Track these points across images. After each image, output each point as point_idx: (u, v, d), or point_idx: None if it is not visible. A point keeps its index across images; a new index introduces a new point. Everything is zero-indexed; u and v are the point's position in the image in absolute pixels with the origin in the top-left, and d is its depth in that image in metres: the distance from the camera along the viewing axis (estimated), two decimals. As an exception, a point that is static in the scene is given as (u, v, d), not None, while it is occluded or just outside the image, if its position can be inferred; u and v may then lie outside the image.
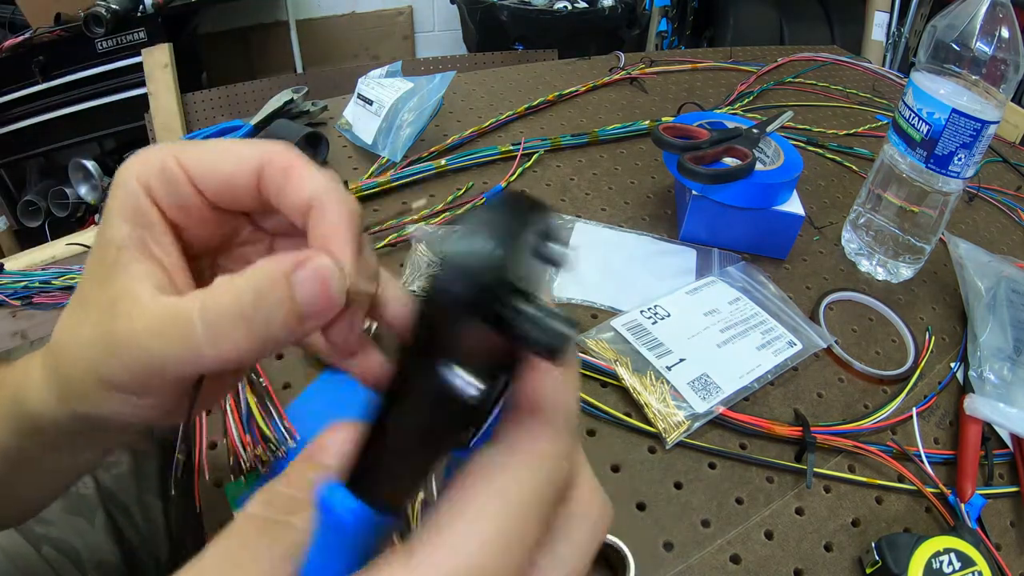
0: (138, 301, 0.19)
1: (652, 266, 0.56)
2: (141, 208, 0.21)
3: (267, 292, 0.18)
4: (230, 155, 0.21)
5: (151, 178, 0.21)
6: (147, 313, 0.19)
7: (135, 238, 0.21)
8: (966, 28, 0.48)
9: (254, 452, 0.38)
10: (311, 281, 0.18)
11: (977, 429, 0.45)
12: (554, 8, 1.99)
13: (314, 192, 0.21)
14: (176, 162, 0.21)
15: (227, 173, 0.21)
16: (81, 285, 0.22)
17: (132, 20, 1.57)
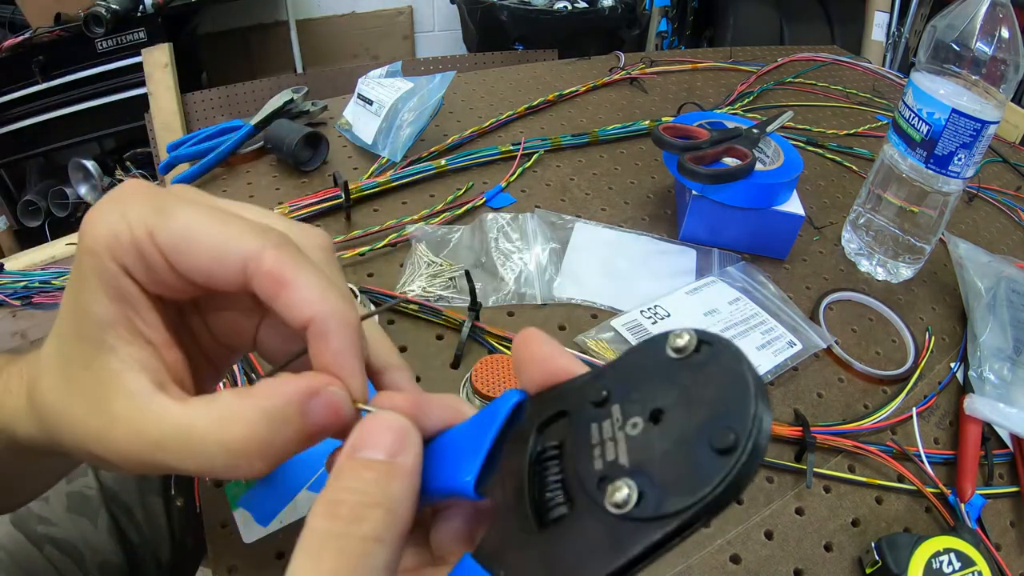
0: (139, 405, 0.19)
1: (652, 266, 0.56)
2: (122, 288, 0.20)
3: (281, 422, 0.19)
4: (211, 246, 0.19)
5: (126, 257, 0.19)
6: (154, 424, 0.19)
7: (120, 318, 0.20)
8: (966, 28, 0.48)
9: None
10: (323, 409, 0.19)
11: (977, 429, 0.45)
12: (554, 8, 1.99)
13: (312, 314, 0.20)
14: (151, 243, 0.19)
15: (206, 267, 0.19)
16: (62, 349, 0.20)
17: (132, 20, 1.57)
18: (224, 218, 0.20)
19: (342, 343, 0.20)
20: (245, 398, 0.19)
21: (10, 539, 0.41)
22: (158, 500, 0.48)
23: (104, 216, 0.19)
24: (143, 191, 0.20)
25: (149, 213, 0.19)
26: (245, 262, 0.19)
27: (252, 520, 0.36)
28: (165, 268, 0.20)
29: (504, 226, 0.58)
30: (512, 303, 0.51)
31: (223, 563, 0.34)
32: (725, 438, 0.13)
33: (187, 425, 0.19)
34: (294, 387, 0.19)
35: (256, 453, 0.18)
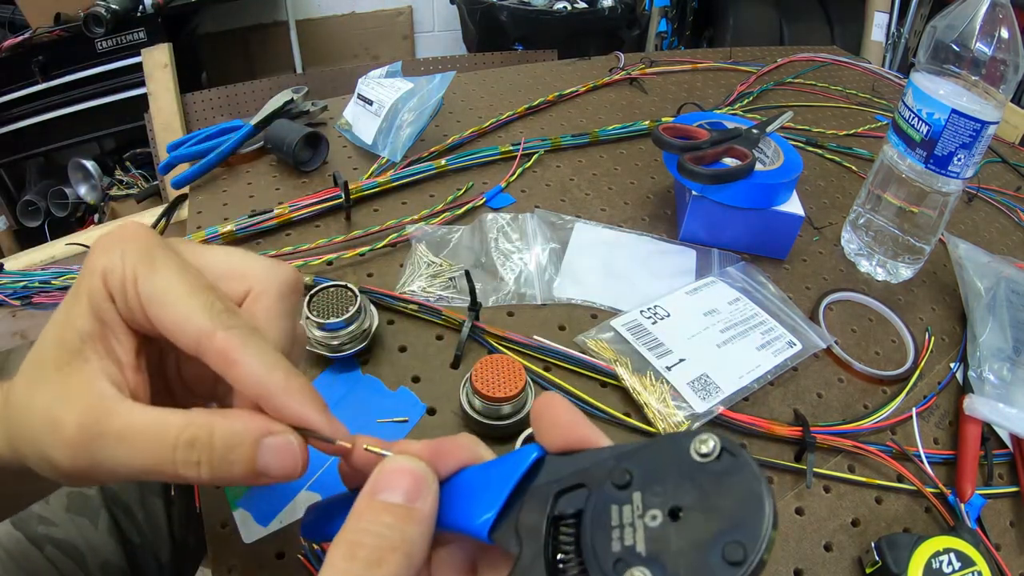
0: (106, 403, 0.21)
1: (652, 266, 0.56)
2: (105, 310, 0.22)
3: (234, 446, 0.21)
4: (174, 314, 0.22)
5: (114, 288, 0.22)
6: (117, 417, 0.21)
7: (99, 333, 0.22)
8: (966, 29, 0.48)
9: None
10: (273, 451, 0.21)
11: (977, 429, 0.45)
12: (554, 8, 1.99)
13: (259, 392, 0.22)
14: (133, 287, 0.22)
15: (169, 328, 0.22)
16: (40, 351, 0.22)
17: (132, 20, 1.57)
18: (193, 291, 0.22)
19: (300, 412, 0.22)
20: (215, 414, 0.21)
21: (10, 539, 0.41)
22: (158, 500, 0.48)
23: (109, 248, 0.22)
24: (144, 238, 0.23)
25: (140, 261, 0.22)
26: (199, 337, 0.22)
27: (252, 520, 0.36)
28: (140, 311, 0.22)
29: (504, 226, 0.58)
30: (512, 303, 0.51)
31: (223, 563, 0.34)
32: (736, 552, 0.15)
33: (154, 422, 0.21)
34: (258, 422, 0.22)
35: (207, 454, 0.21)
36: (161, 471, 0.21)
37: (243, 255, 0.26)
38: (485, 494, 0.19)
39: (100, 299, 0.22)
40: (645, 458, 0.18)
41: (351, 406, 0.43)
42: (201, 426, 0.21)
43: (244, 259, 0.25)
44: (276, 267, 0.25)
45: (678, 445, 0.17)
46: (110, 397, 0.21)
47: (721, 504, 0.16)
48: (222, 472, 0.21)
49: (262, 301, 0.24)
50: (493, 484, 0.19)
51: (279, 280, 0.25)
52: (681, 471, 0.17)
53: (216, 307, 0.22)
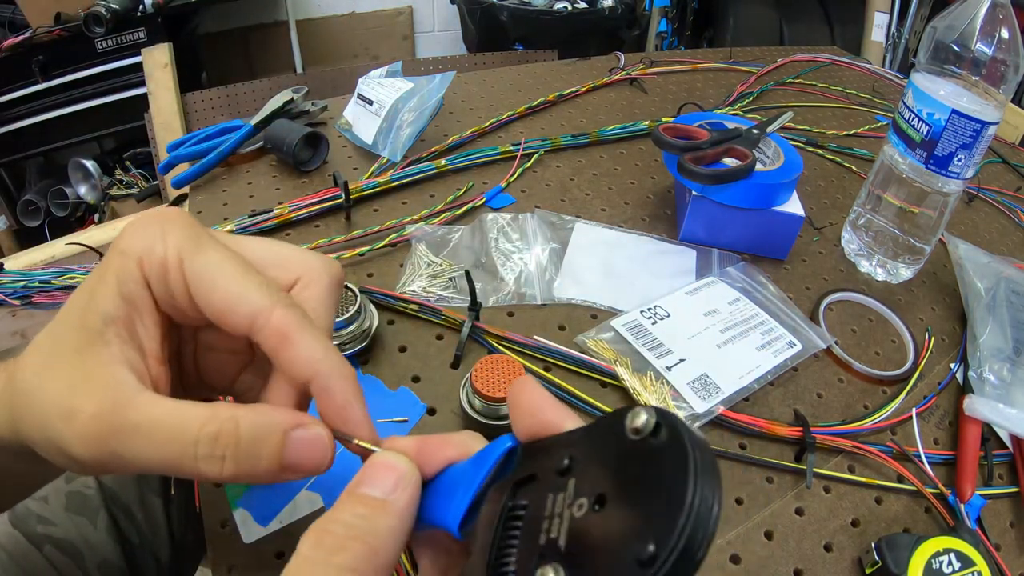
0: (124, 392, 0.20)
1: (652, 266, 0.56)
2: (136, 293, 0.21)
3: (262, 439, 0.20)
4: (229, 292, 0.21)
5: (152, 270, 0.21)
6: (136, 410, 0.20)
7: (125, 318, 0.21)
8: (966, 29, 0.48)
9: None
10: (302, 444, 0.21)
11: (976, 430, 0.45)
12: (554, 8, 1.99)
13: (315, 372, 0.21)
14: (179, 269, 0.21)
15: (220, 307, 0.21)
16: (56, 332, 0.21)
17: (132, 20, 1.57)
18: (246, 271, 0.22)
19: (346, 396, 0.22)
20: (240, 407, 0.20)
21: (9, 539, 0.41)
22: (158, 500, 0.48)
23: (146, 228, 0.21)
24: (187, 221, 0.22)
25: (186, 242, 0.21)
26: (255, 315, 0.21)
27: (252, 520, 0.36)
28: (184, 295, 0.21)
29: (504, 226, 0.58)
30: (512, 303, 0.51)
31: (223, 563, 0.34)
32: (645, 550, 0.13)
33: (173, 414, 0.20)
34: (286, 414, 0.21)
35: (232, 449, 0.20)
36: (180, 466, 0.20)
37: (288, 246, 0.25)
38: (461, 490, 0.19)
39: (132, 281, 0.21)
40: (588, 440, 0.17)
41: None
42: (226, 419, 0.20)
43: (291, 249, 0.25)
44: (325, 259, 0.25)
45: (617, 423, 0.16)
46: (130, 387, 0.20)
47: (643, 491, 0.14)
48: (247, 467, 0.20)
49: (312, 290, 0.24)
50: (469, 479, 0.19)
51: (329, 272, 0.25)
52: (614, 452, 0.15)
53: (272, 287, 0.22)
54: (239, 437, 0.20)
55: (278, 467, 0.20)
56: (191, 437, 0.19)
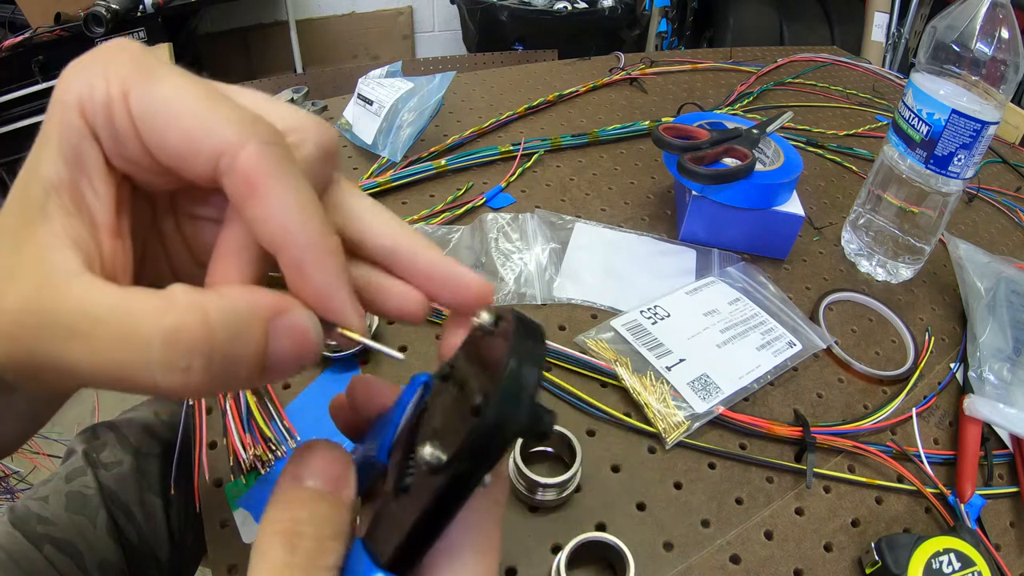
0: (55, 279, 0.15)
1: (652, 266, 0.56)
2: (81, 149, 0.17)
3: (242, 329, 0.15)
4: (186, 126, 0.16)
5: (96, 116, 0.16)
6: (69, 301, 0.15)
7: (68, 183, 0.17)
8: (966, 29, 0.48)
9: (254, 452, 0.38)
10: (288, 336, 0.16)
11: (977, 429, 0.45)
12: (554, 8, 1.99)
13: (283, 241, 0.17)
14: (124, 105, 0.16)
15: (176, 148, 0.16)
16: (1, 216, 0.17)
17: (132, 20, 1.57)
18: (213, 98, 0.17)
19: (326, 276, 0.17)
20: (204, 292, 0.15)
21: (9, 539, 0.41)
22: (157, 500, 0.48)
23: (84, 68, 0.17)
24: (133, 49, 0.17)
25: (131, 72, 0.16)
26: (219, 153, 0.16)
27: (252, 520, 0.36)
28: (133, 138, 0.17)
29: (504, 226, 0.58)
30: (512, 303, 0.51)
31: (223, 562, 0.34)
32: (474, 400, 0.15)
33: (117, 306, 0.15)
34: (263, 297, 0.16)
35: (202, 355, 0.14)
36: (131, 379, 0.14)
37: (276, 100, 0.20)
38: (388, 428, 0.20)
39: (74, 135, 0.17)
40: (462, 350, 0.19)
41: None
42: (188, 309, 0.15)
43: (279, 104, 0.19)
44: (320, 120, 0.19)
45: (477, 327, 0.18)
46: (63, 270, 0.15)
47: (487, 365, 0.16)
48: (220, 375, 0.15)
49: (300, 152, 0.18)
50: (393, 417, 0.20)
51: (322, 134, 0.19)
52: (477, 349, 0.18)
53: (246, 116, 0.16)
54: (211, 335, 0.15)
55: (259, 370, 0.16)
56: (142, 337, 0.14)
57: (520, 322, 0.16)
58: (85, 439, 0.50)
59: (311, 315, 0.17)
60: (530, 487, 0.37)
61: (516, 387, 0.15)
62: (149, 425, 0.52)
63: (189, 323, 0.14)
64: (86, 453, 0.48)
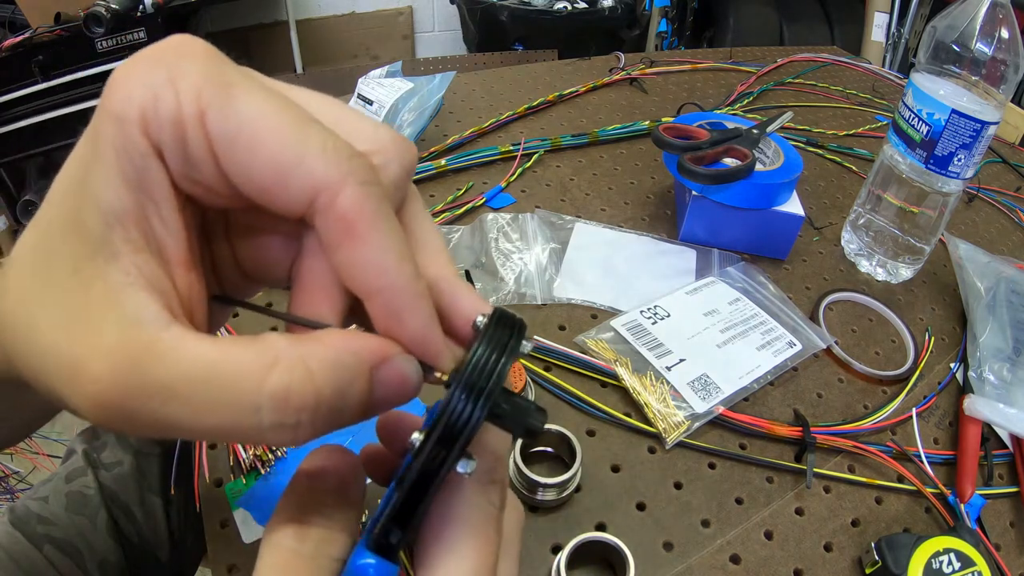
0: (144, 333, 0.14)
1: (652, 266, 0.56)
2: (146, 172, 0.15)
3: (349, 381, 0.15)
4: (278, 157, 0.14)
5: (163, 134, 0.14)
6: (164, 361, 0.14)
7: (134, 213, 0.15)
8: (966, 29, 0.48)
9: (254, 452, 0.38)
10: (391, 384, 0.16)
11: (976, 429, 0.45)
12: (554, 8, 1.99)
13: (382, 286, 0.16)
14: (200, 126, 0.14)
15: (264, 180, 0.15)
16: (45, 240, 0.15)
17: (132, 20, 1.57)
18: (303, 122, 0.15)
19: (420, 322, 0.16)
20: (305, 343, 0.15)
21: (9, 539, 0.41)
22: (158, 500, 0.48)
23: (144, 73, 0.14)
24: (201, 52, 0.15)
25: (208, 85, 0.14)
26: (317, 192, 0.15)
27: (252, 520, 0.36)
28: (210, 164, 0.15)
29: (504, 226, 0.58)
30: (512, 303, 0.51)
31: (223, 563, 0.34)
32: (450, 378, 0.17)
33: (217, 365, 0.14)
34: (365, 344, 0.16)
35: (310, 411, 0.14)
36: (236, 436, 0.14)
37: (355, 111, 0.18)
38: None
39: (137, 155, 0.14)
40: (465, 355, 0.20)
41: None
42: (294, 366, 0.14)
43: (359, 117, 0.18)
44: (401, 138, 0.18)
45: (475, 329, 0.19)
46: (147, 321, 0.14)
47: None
48: (325, 427, 0.15)
49: (384, 173, 0.17)
50: None
51: (405, 156, 0.18)
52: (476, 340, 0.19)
53: (341, 149, 0.15)
54: (317, 392, 0.14)
55: (363, 415, 0.16)
56: (249, 400, 0.14)
57: (496, 314, 0.17)
58: (85, 439, 0.50)
59: (412, 360, 0.16)
60: (530, 487, 0.37)
61: (475, 371, 0.16)
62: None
63: (296, 382, 0.14)
64: (86, 453, 0.48)
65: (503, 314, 0.17)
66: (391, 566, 0.17)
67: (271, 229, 0.18)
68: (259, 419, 0.14)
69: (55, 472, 0.48)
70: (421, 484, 0.16)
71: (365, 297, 0.16)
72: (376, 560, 0.17)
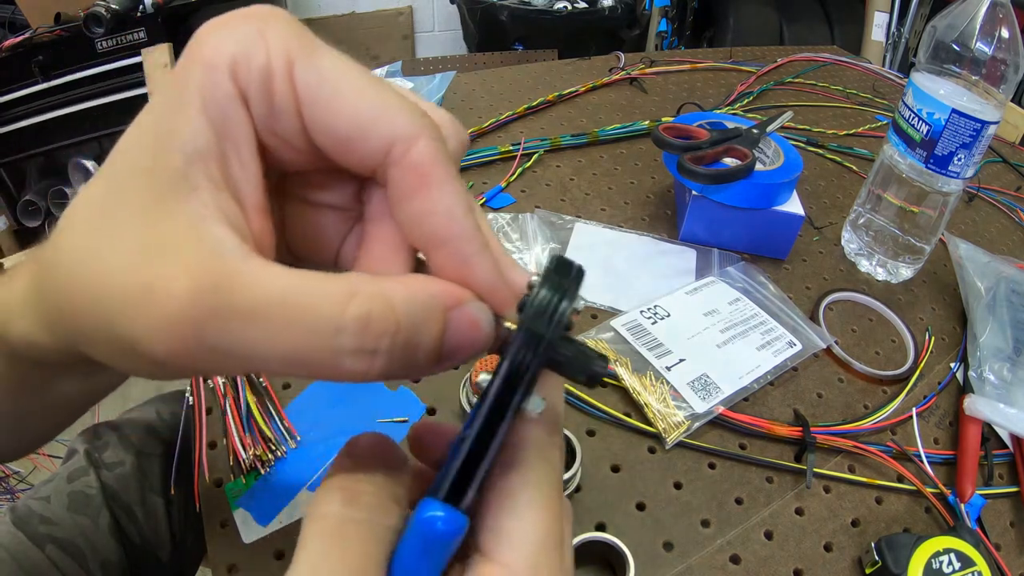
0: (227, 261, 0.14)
1: (652, 266, 0.56)
2: (233, 118, 0.15)
3: (424, 318, 0.15)
4: (359, 110, 0.15)
5: (251, 83, 0.15)
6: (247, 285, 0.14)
7: (216, 151, 0.15)
8: (966, 28, 0.48)
9: (254, 452, 0.38)
10: (464, 327, 0.16)
11: (977, 429, 0.45)
12: (554, 8, 1.99)
13: (452, 233, 0.16)
14: (288, 78, 0.15)
15: (345, 131, 0.16)
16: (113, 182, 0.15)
17: (132, 20, 1.57)
18: (381, 83, 0.16)
19: (489, 269, 0.17)
20: (384, 281, 0.15)
21: (11, 539, 0.41)
22: (159, 500, 0.48)
23: (237, 29, 0.15)
24: (288, 17, 0.16)
25: (295, 43, 0.15)
26: (393, 143, 0.16)
27: (252, 520, 0.36)
28: (293, 116, 0.16)
29: (504, 226, 0.58)
30: (512, 303, 0.51)
31: (222, 563, 0.34)
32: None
33: (301, 289, 0.14)
34: (442, 287, 0.16)
35: (390, 338, 0.14)
36: (312, 363, 0.14)
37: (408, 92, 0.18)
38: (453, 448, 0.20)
39: (225, 97, 0.15)
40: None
41: (351, 405, 0.43)
42: (376, 296, 0.14)
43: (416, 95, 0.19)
44: (453, 117, 0.19)
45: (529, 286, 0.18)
46: (231, 251, 0.14)
47: None
48: (402, 361, 0.15)
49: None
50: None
51: (462, 133, 0.19)
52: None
53: (415, 107, 0.16)
54: (397, 321, 0.15)
55: (436, 358, 0.16)
56: (331, 323, 0.14)
57: (554, 259, 0.17)
58: (87, 439, 0.50)
59: (485, 307, 0.17)
60: (530, 487, 0.37)
61: (540, 305, 0.16)
62: (151, 425, 0.52)
63: (378, 310, 0.14)
64: (88, 453, 0.48)
65: (560, 257, 0.17)
66: (461, 517, 0.16)
67: (327, 202, 0.19)
68: (339, 342, 0.14)
69: (56, 472, 0.48)
70: (490, 423, 0.16)
71: (434, 246, 0.16)
72: (445, 511, 0.15)
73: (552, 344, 0.16)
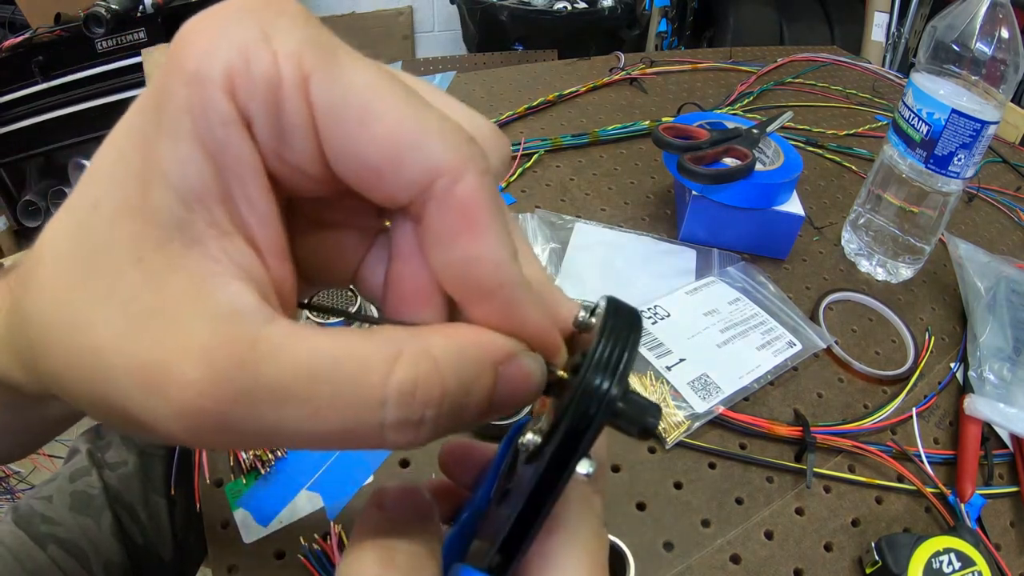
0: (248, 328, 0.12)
1: (652, 266, 0.56)
2: (231, 143, 0.12)
3: (475, 376, 0.13)
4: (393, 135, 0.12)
5: (253, 100, 0.12)
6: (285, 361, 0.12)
7: (218, 190, 0.12)
8: (966, 29, 0.48)
9: (254, 452, 0.38)
10: (516, 382, 0.14)
11: (977, 429, 0.45)
12: (554, 8, 1.99)
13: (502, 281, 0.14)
14: (302, 94, 0.12)
15: (374, 161, 0.13)
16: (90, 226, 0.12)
17: (132, 20, 1.57)
18: (418, 101, 0.13)
19: (540, 317, 0.15)
20: (427, 335, 0.13)
21: (13, 538, 0.41)
22: (161, 500, 0.48)
23: (232, 29, 0.12)
24: (300, 10, 0.13)
25: (310, 47, 0.12)
26: (433, 176, 0.13)
27: (252, 520, 0.36)
28: (307, 140, 0.12)
29: (504, 226, 0.58)
30: (512, 303, 0.51)
31: (223, 563, 0.34)
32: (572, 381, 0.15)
33: (338, 359, 0.12)
34: (491, 339, 0.14)
35: (435, 406, 0.13)
36: (355, 440, 0.12)
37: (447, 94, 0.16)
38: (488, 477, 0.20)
39: (221, 122, 0.12)
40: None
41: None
42: (419, 357, 0.12)
43: (458, 104, 0.16)
44: (497, 130, 0.16)
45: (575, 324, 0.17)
46: (252, 315, 0.12)
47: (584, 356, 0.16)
48: (447, 426, 0.13)
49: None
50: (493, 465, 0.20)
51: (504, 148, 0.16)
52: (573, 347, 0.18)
53: (460, 133, 0.13)
54: (443, 384, 0.13)
55: (484, 416, 0.14)
56: (375, 395, 0.12)
57: (611, 305, 0.15)
58: (89, 439, 0.50)
59: (537, 357, 0.15)
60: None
61: (603, 359, 0.14)
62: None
63: (423, 374, 0.12)
64: (90, 453, 0.48)
65: (619, 304, 0.16)
66: None
67: (346, 224, 0.16)
68: (383, 416, 0.12)
69: (58, 471, 0.48)
70: (542, 494, 0.14)
71: (479, 296, 0.14)
72: None
73: (614, 403, 0.14)
